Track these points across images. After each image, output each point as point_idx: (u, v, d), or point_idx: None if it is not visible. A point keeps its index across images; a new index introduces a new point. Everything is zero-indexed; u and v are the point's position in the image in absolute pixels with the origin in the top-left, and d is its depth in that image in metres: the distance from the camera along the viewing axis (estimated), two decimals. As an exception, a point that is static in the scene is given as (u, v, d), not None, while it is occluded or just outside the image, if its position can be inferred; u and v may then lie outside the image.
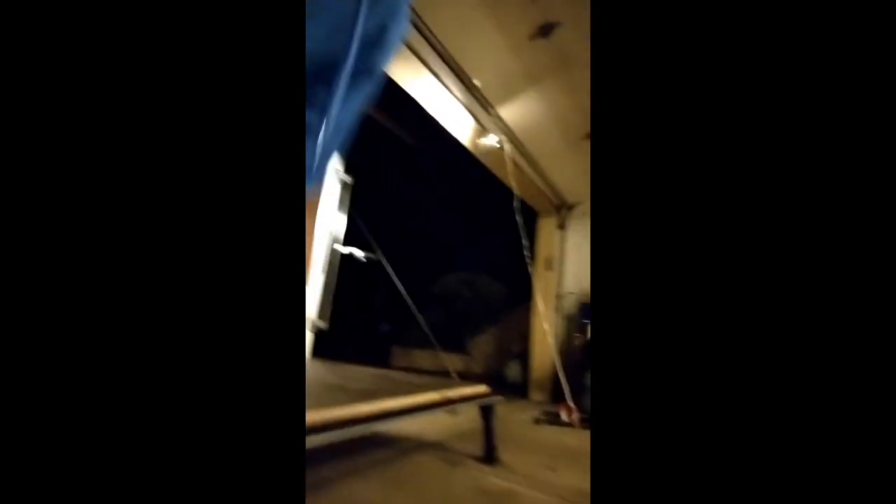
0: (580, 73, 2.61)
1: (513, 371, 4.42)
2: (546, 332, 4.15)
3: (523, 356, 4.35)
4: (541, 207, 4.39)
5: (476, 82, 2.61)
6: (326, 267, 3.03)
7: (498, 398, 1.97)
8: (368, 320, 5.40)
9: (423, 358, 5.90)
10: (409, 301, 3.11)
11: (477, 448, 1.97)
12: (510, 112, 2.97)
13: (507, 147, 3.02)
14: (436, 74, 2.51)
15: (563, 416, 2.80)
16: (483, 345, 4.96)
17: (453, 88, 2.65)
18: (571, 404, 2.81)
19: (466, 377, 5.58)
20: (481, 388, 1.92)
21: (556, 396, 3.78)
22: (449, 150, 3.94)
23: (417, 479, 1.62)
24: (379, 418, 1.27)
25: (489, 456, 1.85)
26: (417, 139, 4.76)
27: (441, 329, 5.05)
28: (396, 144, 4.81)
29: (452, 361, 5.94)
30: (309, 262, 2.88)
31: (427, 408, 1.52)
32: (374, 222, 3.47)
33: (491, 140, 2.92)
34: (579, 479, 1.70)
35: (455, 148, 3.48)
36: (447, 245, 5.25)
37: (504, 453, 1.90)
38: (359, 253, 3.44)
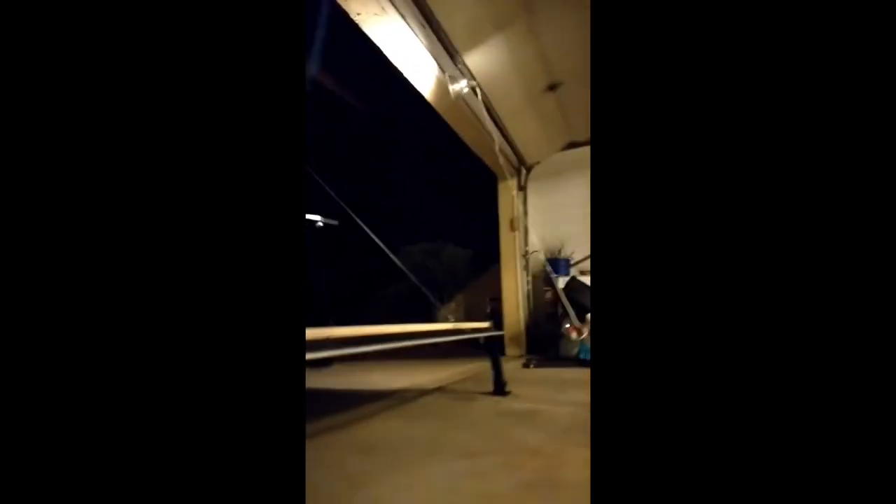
0: (544, 16, 2.64)
1: (485, 332, 4.51)
2: (515, 290, 4.27)
3: (494, 316, 4.44)
4: (500, 170, 4.45)
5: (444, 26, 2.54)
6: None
7: (500, 333, 1.99)
8: (327, 295, 5.17)
9: (389, 335, 5.82)
10: (398, 264, 3.00)
11: (482, 388, 1.98)
12: (475, 61, 2.94)
13: (479, 92, 2.99)
14: (402, 16, 2.40)
15: (574, 335, 3.13)
16: (452, 312, 4.98)
17: (419, 33, 2.56)
18: (578, 324, 3.10)
19: (437, 346, 5.61)
20: (485, 325, 1.93)
21: (531, 348, 3.92)
22: (403, 117, 3.81)
23: (439, 412, 1.59)
24: (406, 338, 1.22)
25: (499, 389, 1.87)
26: (371, 105, 4.57)
27: (407, 301, 4.98)
28: (347, 113, 4.58)
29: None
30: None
31: (444, 334, 1.50)
32: (327, 194, 3.28)
33: (461, 85, 2.87)
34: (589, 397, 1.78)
35: (409, 113, 3.38)
36: (408, 215, 5.16)
37: (511, 388, 1.92)
38: (316, 218, 3.25)
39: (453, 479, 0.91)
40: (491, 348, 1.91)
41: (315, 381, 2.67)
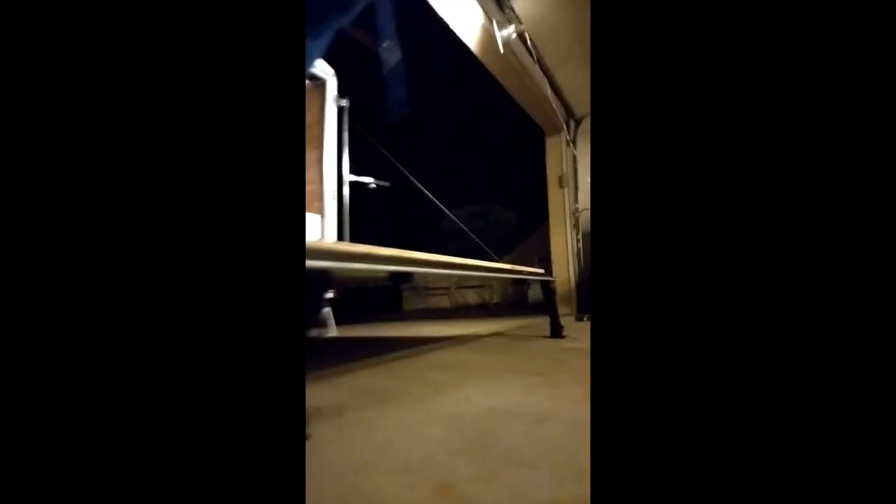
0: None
1: (533, 292, 4.53)
2: (565, 248, 4.23)
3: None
4: (548, 125, 4.32)
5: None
6: (336, 196, 2.95)
7: (554, 279, 2.02)
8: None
9: (437, 297, 5.99)
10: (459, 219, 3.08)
11: (539, 333, 2.04)
12: (522, 4, 2.83)
13: (527, 37, 2.90)
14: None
15: None
16: (499, 274, 5.04)
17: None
18: None
19: (486, 308, 5.72)
20: (540, 270, 1.97)
21: (581, 307, 3.92)
22: (446, 74, 3.73)
23: (503, 348, 1.68)
24: (469, 269, 1.28)
25: (556, 332, 1.92)
26: (413, 63, 4.53)
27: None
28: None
29: (469, 296, 6.06)
30: (316, 193, 2.79)
31: (504, 272, 1.55)
32: (372, 156, 3.36)
33: (509, 31, 2.79)
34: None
35: (453, 70, 3.30)
36: (454, 176, 5.17)
37: (567, 335, 1.97)
38: (368, 180, 3.35)
39: (529, 387, 0.98)
40: (547, 291, 1.95)
41: (370, 332, 2.85)
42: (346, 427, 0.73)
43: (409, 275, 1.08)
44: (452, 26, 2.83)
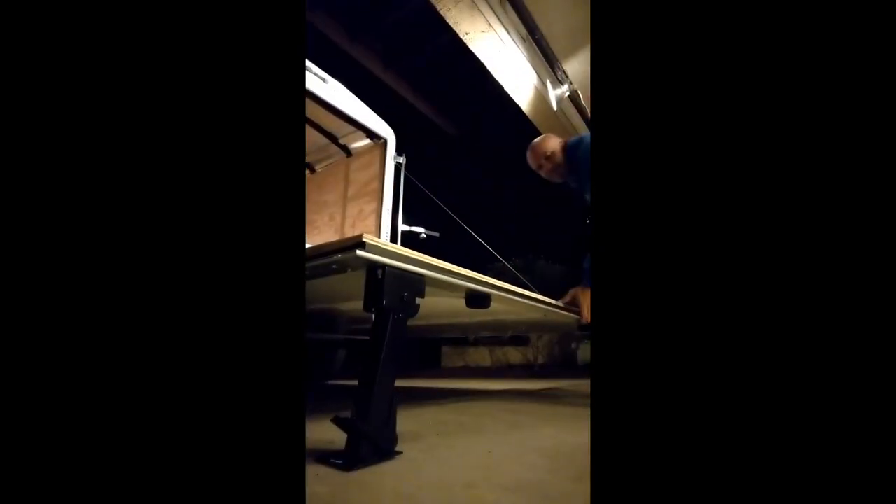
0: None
1: (584, 352, 4.32)
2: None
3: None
4: (596, 180, 4.39)
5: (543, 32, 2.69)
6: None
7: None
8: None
9: (478, 354, 5.82)
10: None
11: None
12: (574, 67, 3.03)
13: (580, 96, 3.06)
14: (507, 30, 2.60)
15: None
16: (546, 334, 4.86)
17: (521, 45, 2.73)
18: None
19: (531, 368, 5.46)
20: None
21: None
22: (494, 130, 3.98)
23: (569, 399, 1.59)
24: (513, 293, 1.27)
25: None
26: (461, 127, 4.88)
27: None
28: (439, 134, 4.93)
29: (512, 355, 5.84)
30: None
31: (544, 304, 1.53)
32: (424, 207, 3.53)
33: (561, 90, 2.97)
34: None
35: (501, 126, 3.52)
36: (499, 230, 5.27)
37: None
38: (419, 230, 3.50)
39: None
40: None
41: (413, 383, 2.79)
42: (433, 450, 0.71)
43: (486, 300, 1.08)
44: (507, 88, 3.06)
